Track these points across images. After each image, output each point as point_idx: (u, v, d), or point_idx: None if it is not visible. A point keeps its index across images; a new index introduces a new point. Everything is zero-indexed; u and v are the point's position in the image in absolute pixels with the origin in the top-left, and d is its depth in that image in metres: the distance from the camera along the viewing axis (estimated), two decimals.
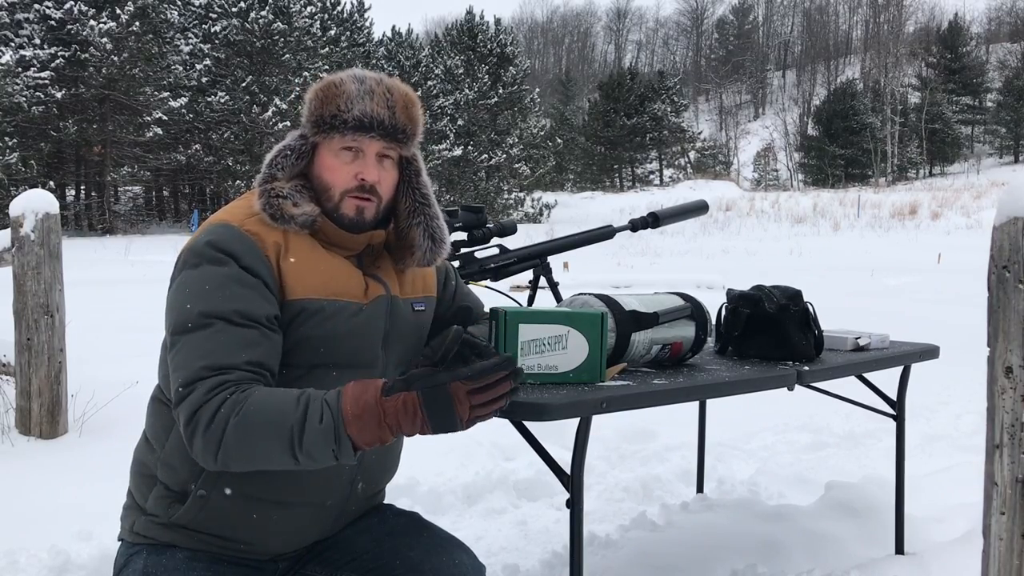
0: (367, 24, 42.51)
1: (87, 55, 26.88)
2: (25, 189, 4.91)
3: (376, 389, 1.28)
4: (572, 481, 1.62)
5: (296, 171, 1.51)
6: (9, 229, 3.69)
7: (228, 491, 1.45)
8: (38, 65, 26.07)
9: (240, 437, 1.28)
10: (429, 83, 37.50)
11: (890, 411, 2.61)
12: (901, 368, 2.55)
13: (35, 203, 3.65)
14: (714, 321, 2.19)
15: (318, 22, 36.23)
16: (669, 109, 53.83)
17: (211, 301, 1.37)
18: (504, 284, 2.87)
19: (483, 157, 38.48)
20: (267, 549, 1.53)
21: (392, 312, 1.55)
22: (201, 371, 1.32)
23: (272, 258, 1.43)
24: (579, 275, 11.65)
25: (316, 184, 1.51)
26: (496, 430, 3.49)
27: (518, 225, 2.99)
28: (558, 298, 2.83)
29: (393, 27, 43.68)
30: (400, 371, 1.50)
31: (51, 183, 25.94)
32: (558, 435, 2.29)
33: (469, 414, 1.25)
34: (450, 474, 3.40)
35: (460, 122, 37.69)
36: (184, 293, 1.39)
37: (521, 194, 40.11)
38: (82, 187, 31.12)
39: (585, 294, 1.92)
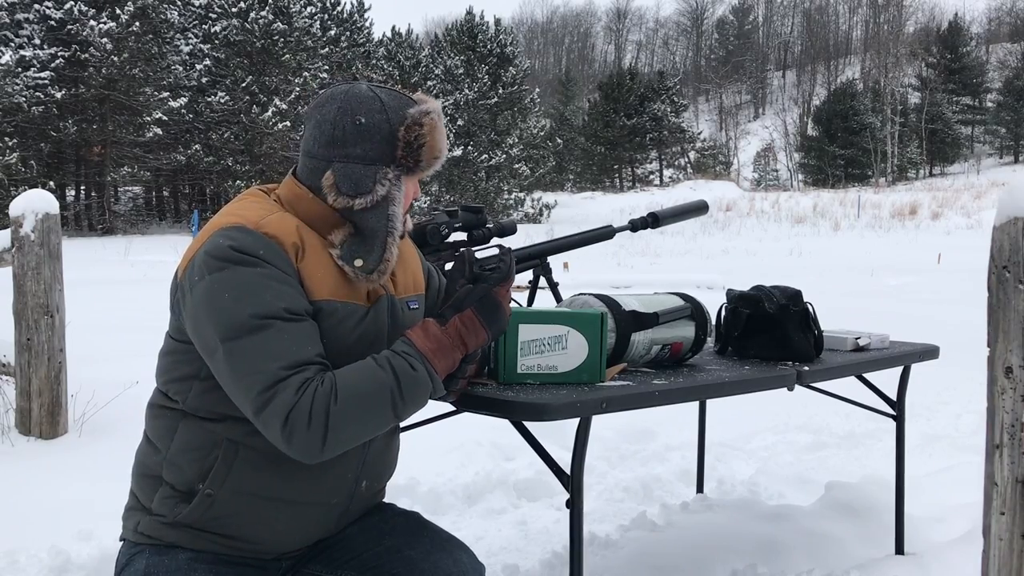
0: (367, 24, 42.46)
1: (87, 55, 26.86)
2: (25, 189, 4.91)
3: (433, 324, 1.44)
4: (572, 481, 1.62)
5: None
6: (9, 229, 3.69)
7: (235, 490, 1.45)
8: (38, 65, 26.05)
9: (346, 422, 1.32)
10: (429, 83, 37.48)
11: (890, 411, 2.61)
12: (901, 368, 2.55)
13: (35, 203, 3.65)
14: (714, 321, 2.19)
15: (318, 22, 36.18)
16: (669, 109, 53.81)
17: (258, 302, 1.34)
18: None
19: (483, 157, 38.45)
20: (272, 548, 1.53)
21: (392, 312, 1.56)
22: (280, 372, 1.31)
23: (293, 259, 1.42)
24: (579, 275, 11.64)
25: None
26: (496, 430, 3.51)
27: (518, 225, 2.98)
28: (558, 298, 2.83)
29: (393, 27, 43.62)
30: None
31: (51, 183, 25.89)
32: (558, 435, 2.29)
33: (511, 310, 1.52)
34: (450, 474, 3.40)
35: (460, 122, 37.67)
36: (223, 297, 1.35)
37: (521, 194, 40.09)
38: (82, 187, 31.10)
39: (585, 294, 1.92)
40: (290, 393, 1.30)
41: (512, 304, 1.95)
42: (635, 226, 2.97)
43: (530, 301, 2.96)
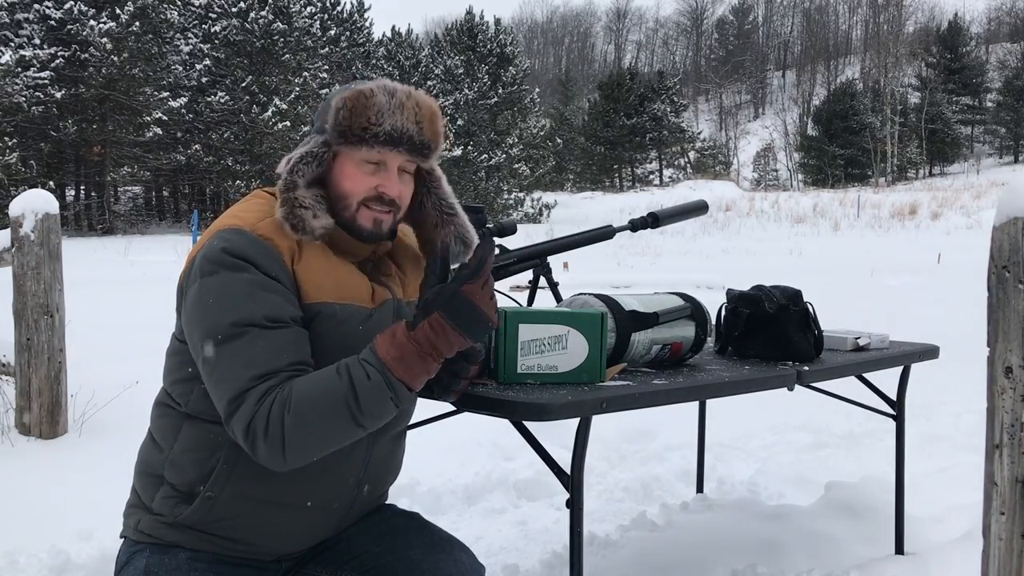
0: (367, 24, 42.48)
1: (87, 55, 26.86)
2: (25, 189, 4.90)
3: (402, 329, 1.34)
4: (572, 481, 1.62)
5: (313, 177, 1.49)
6: (9, 229, 3.69)
7: (236, 493, 1.45)
8: (38, 65, 26.02)
9: (300, 430, 1.31)
10: (429, 83, 37.50)
11: (890, 411, 2.61)
12: (901, 368, 2.55)
13: (35, 203, 3.65)
14: (714, 321, 2.19)
15: (318, 22, 36.22)
16: (669, 109, 53.83)
17: (240, 309, 1.35)
18: (504, 284, 2.87)
19: (483, 157, 38.47)
20: (272, 550, 1.53)
21: (398, 315, 1.55)
22: (249, 382, 1.32)
23: (288, 262, 1.42)
24: (579, 275, 11.64)
25: (332, 192, 1.49)
26: (496, 430, 3.51)
27: (518, 225, 2.98)
28: (558, 298, 2.83)
29: (393, 27, 43.66)
30: None
31: (51, 183, 25.88)
32: (558, 435, 2.29)
33: (493, 308, 1.34)
34: (450, 474, 3.40)
35: (460, 122, 37.68)
36: (208, 303, 1.37)
37: (521, 194, 40.11)
38: (82, 187, 31.09)
39: (585, 294, 1.92)
40: (252, 403, 1.32)
41: (511, 303, 1.95)
42: (635, 226, 2.97)
43: (530, 301, 2.96)
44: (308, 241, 1.45)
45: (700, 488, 3.33)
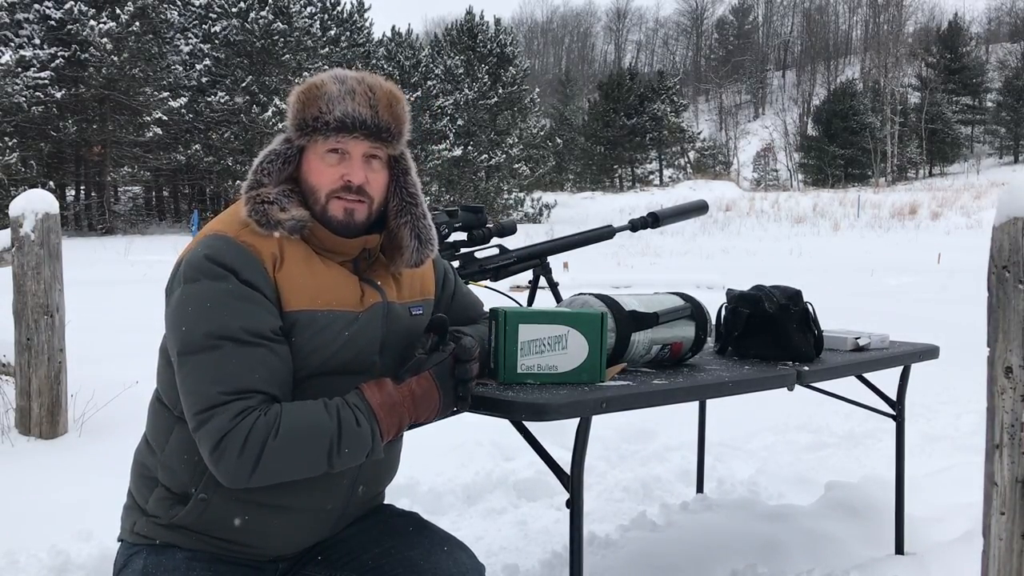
0: (367, 24, 42.44)
1: (87, 55, 26.84)
2: (25, 189, 4.90)
3: (390, 383, 1.41)
4: (572, 481, 1.62)
5: (284, 176, 1.49)
6: (9, 229, 3.69)
7: (229, 495, 1.44)
8: (38, 65, 26.02)
9: (280, 457, 1.32)
10: (429, 83, 37.47)
11: (890, 411, 2.61)
12: (901, 368, 2.55)
13: (35, 203, 3.65)
14: (714, 321, 2.19)
15: (318, 22, 36.20)
16: (669, 109, 53.84)
17: (216, 321, 1.35)
18: (504, 284, 2.87)
19: (483, 157, 38.45)
20: (267, 551, 1.53)
21: (389, 318, 1.54)
22: (218, 396, 1.32)
23: (269, 269, 1.41)
24: (579, 275, 11.64)
25: (304, 188, 1.49)
26: (496, 430, 3.51)
27: (518, 225, 2.98)
28: (558, 298, 2.83)
29: (393, 27, 43.55)
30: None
31: (51, 183, 25.89)
32: (558, 435, 2.29)
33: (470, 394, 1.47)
34: (450, 474, 3.40)
35: (460, 122, 37.67)
36: (187, 311, 1.37)
37: (521, 194, 40.10)
38: (82, 187, 31.08)
39: (585, 294, 1.92)
40: (226, 419, 1.31)
41: (511, 304, 1.96)
42: (635, 226, 2.98)
43: (530, 301, 2.96)
44: (288, 239, 1.44)
45: (700, 488, 3.33)
